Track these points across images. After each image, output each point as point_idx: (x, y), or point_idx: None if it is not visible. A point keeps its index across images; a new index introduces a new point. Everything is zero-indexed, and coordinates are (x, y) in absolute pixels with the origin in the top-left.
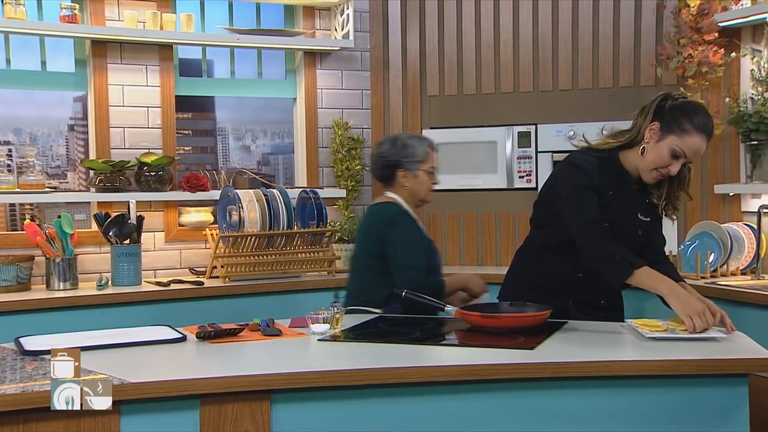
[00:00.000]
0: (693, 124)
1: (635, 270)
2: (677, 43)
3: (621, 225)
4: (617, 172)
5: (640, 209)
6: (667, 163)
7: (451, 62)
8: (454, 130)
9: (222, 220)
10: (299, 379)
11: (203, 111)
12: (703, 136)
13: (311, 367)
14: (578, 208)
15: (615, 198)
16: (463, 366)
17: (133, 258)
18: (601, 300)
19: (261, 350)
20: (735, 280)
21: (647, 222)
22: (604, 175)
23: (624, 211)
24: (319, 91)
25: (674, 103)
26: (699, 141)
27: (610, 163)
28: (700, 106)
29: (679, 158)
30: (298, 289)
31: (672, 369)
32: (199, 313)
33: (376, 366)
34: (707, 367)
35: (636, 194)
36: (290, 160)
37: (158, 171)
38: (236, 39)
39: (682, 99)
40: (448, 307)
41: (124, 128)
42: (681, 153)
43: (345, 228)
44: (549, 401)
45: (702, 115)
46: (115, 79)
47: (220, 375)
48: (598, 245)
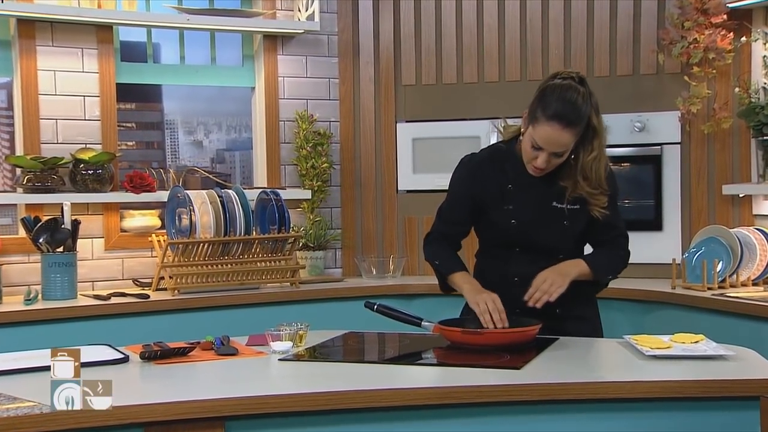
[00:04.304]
0: (544, 113)
1: (447, 275)
2: (681, 26)
3: (531, 218)
4: (515, 164)
5: (554, 198)
6: (532, 156)
7: (429, 48)
8: (432, 123)
9: (170, 224)
10: (257, 404)
11: (149, 101)
12: (553, 124)
13: (271, 391)
14: (437, 215)
15: (516, 191)
16: (441, 388)
17: (67, 268)
18: (555, 309)
19: (214, 372)
20: (746, 292)
21: (575, 209)
22: (499, 167)
23: (531, 203)
24: (281, 80)
25: (543, 86)
26: (549, 130)
27: (508, 156)
28: (558, 88)
29: (539, 150)
30: (257, 303)
31: (675, 391)
32: (144, 331)
33: (345, 388)
34: (715, 389)
35: (545, 182)
36: (248, 157)
37: (97, 169)
38: (186, 20)
39: (554, 79)
40: (425, 323)
41: (56, 120)
42: (536, 144)
43: (310, 234)
44: (538, 427)
45: (556, 100)
46: (46, 63)
47: (166, 400)
48: (426, 252)
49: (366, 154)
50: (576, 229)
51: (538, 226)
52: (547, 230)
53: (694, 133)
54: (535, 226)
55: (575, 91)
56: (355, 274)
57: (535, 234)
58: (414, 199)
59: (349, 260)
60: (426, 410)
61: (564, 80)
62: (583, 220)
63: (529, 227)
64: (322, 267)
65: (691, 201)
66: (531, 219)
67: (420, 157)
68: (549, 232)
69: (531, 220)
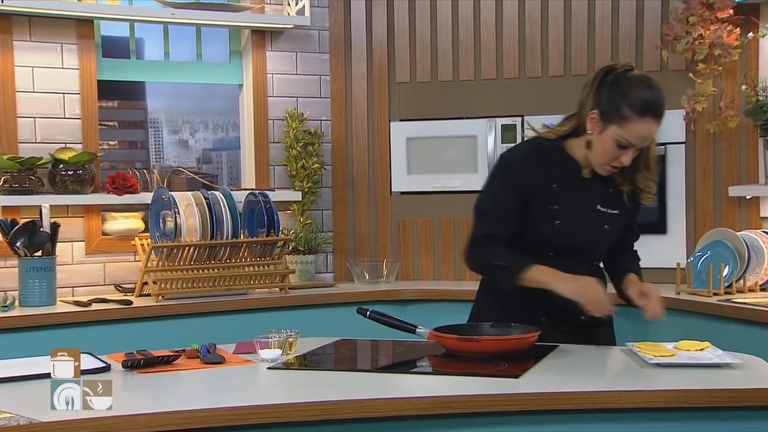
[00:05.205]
0: (634, 109)
1: (518, 273)
2: (686, 21)
3: (576, 221)
4: (562, 163)
5: (598, 200)
6: (615, 155)
7: (424, 44)
8: (427, 122)
9: (154, 227)
10: (245, 415)
11: (131, 99)
12: (648, 119)
13: (259, 401)
14: (477, 220)
15: (561, 192)
16: (437, 398)
17: (46, 273)
18: (581, 316)
19: (200, 381)
20: (753, 297)
21: (615, 214)
22: (543, 168)
23: (576, 205)
24: (270, 77)
25: (612, 81)
26: (645, 127)
27: (553, 154)
28: (642, 82)
29: (628, 148)
30: (245, 309)
31: (680, 401)
32: (127, 338)
33: (336, 398)
34: (721, 399)
35: (591, 184)
36: (236, 157)
37: (77, 170)
38: (171, 14)
39: (623, 73)
40: (420, 329)
41: (34, 118)
42: (627, 143)
43: (300, 237)
44: None
45: (644, 94)
46: (23, 59)
47: (150, 411)
48: (476, 257)
49: (358, 154)
50: (614, 235)
51: (583, 229)
52: (590, 234)
53: (700, 133)
54: (579, 228)
55: (652, 81)
56: (347, 279)
57: (579, 237)
58: (408, 201)
59: (340, 265)
60: (421, 420)
61: (629, 72)
62: (620, 225)
63: (574, 230)
64: (313, 272)
65: (696, 203)
66: (576, 221)
67: (415, 157)
68: (592, 236)
69: (576, 222)
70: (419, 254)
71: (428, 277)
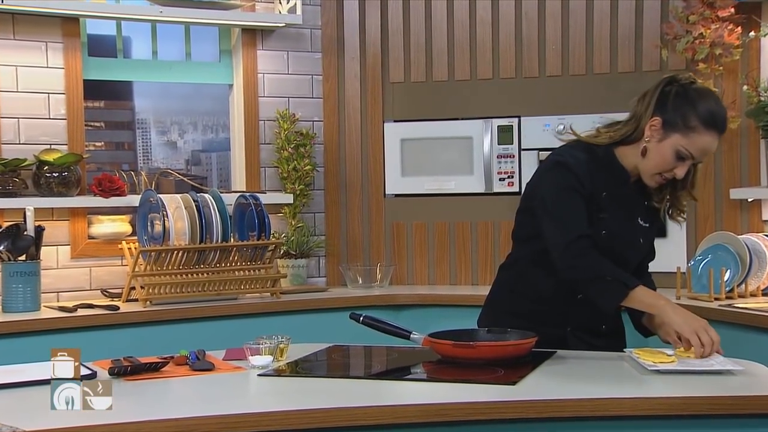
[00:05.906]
0: (701, 120)
1: (630, 291)
2: (686, 20)
3: (620, 232)
4: (613, 171)
5: (639, 213)
6: (671, 167)
7: (419, 43)
8: (421, 123)
9: (142, 231)
10: (235, 423)
11: (118, 99)
12: (713, 133)
13: (250, 408)
14: (561, 220)
15: (609, 200)
16: (431, 405)
17: (30, 278)
18: (602, 325)
19: (189, 388)
20: (755, 302)
21: (648, 228)
22: (596, 174)
23: (621, 215)
24: (261, 76)
25: (679, 91)
26: (709, 140)
27: (604, 160)
28: (710, 94)
29: (686, 160)
30: (235, 314)
31: (680, 408)
32: (113, 345)
33: (329, 406)
34: (722, 406)
35: (634, 196)
36: (226, 158)
37: (62, 171)
38: (159, 12)
39: (689, 84)
40: (415, 335)
41: (18, 119)
42: (687, 155)
43: (292, 240)
44: None
45: (712, 106)
46: (7, 58)
47: (137, 419)
48: (584, 265)
49: (351, 156)
50: (645, 250)
51: (624, 240)
52: (629, 246)
53: None
54: (621, 240)
55: (718, 96)
56: (339, 283)
57: (621, 248)
58: (402, 204)
59: (333, 269)
60: (415, 429)
61: (693, 83)
62: (651, 240)
63: (617, 241)
64: (305, 276)
65: (696, 206)
66: (620, 232)
67: (409, 159)
68: (631, 248)
69: (620, 234)
70: (414, 258)
71: (423, 282)
